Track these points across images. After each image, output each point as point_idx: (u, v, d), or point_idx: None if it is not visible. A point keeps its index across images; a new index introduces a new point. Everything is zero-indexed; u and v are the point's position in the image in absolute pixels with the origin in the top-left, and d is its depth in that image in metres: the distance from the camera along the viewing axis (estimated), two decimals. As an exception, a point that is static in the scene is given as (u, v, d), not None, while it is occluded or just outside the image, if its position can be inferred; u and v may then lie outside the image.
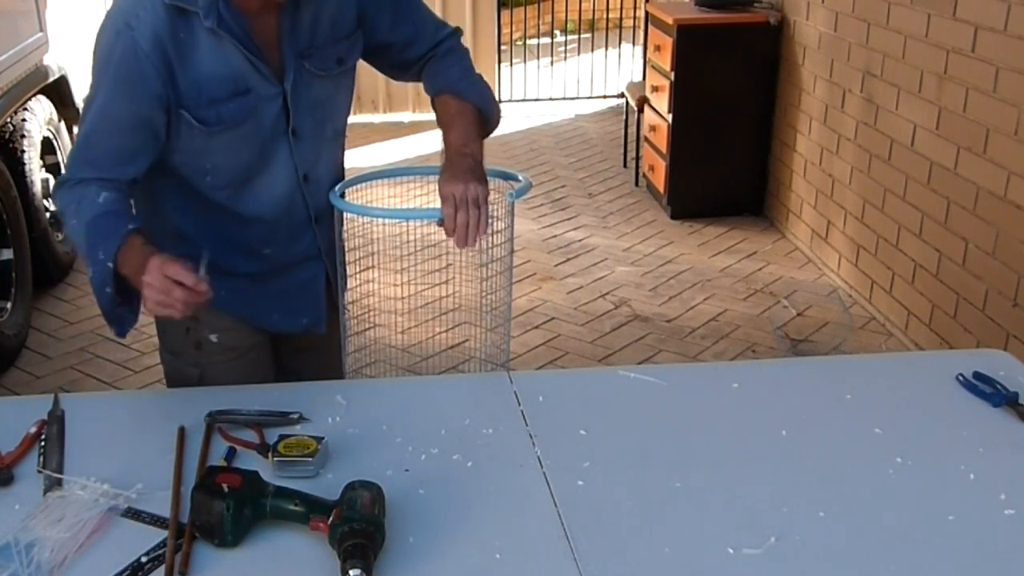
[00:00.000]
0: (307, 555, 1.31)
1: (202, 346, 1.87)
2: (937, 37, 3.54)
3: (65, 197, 1.67)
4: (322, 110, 1.78)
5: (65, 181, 1.68)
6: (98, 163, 1.66)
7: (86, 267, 1.65)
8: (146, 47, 1.58)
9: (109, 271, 1.57)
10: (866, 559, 1.33)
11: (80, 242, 1.64)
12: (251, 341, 1.92)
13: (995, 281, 3.28)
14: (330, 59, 1.76)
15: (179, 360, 1.90)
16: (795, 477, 1.51)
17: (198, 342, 1.86)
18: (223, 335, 1.86)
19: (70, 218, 1.66)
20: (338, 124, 1.87)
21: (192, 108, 1.64)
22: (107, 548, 1.33)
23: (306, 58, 1.72)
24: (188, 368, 1.88)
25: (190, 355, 1.88)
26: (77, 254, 1.73)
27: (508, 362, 1.95)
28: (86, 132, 1.67)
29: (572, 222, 5.28)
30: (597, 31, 8.69)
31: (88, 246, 1.61)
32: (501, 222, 1.80)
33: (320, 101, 1.77)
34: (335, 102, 1.83)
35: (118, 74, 1.62)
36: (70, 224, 1.66)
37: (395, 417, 1.65)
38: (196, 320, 1.83)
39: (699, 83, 4.94)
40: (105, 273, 1.58)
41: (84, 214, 1.63)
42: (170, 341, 1.91)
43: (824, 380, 1.80)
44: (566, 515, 1.41)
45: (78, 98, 4.67)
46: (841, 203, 4.40)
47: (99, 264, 1.58)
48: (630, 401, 1.72)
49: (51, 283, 4.37)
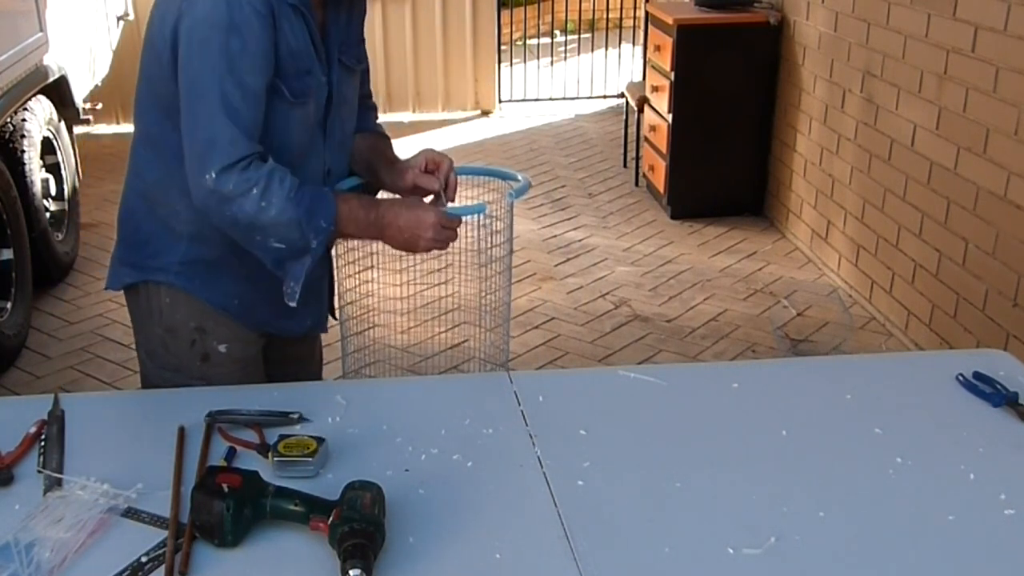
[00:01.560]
0: (307, 555, 1.31)
1: (210, 358, 1.83)
2: (937, 37, 3.54)
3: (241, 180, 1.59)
4: (346, 107, 1.86)
5: (234, 163, 1.59)
6: (251, 135, 1.62)
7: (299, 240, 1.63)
8: (264, 12, 1.60)
9: (330, 235, 1.67)
10: (866, 559, 1.33)
11: (287, 218, 1.61)
12: (253, 351, 1.90)
13: (995, 281, 3.28)
14: (354, 56, 1.86)
15: (180, 375, 1.83)
16: (795, 477, 1.51)
17: (206, 354, 1.83)
18: (232, 345, 1.84)
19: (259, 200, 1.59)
20: (352, 124, 1.92)
21: (284, 78, 1.67)
22: (107, 548, 1.33)
23: (343, 52, 1.81)
24: (192, 383, 1.82)
25: (195, 369, 1.83)
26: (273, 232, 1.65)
27: (508, 362, 1.95)
28: (220, 110, 1.58)
29: (572, 222, 5.28)
30: (597, 31, 8.69)
31: (306, 217, 1.63)
32: (500, 222, 1.80)
33: (346, 98, 1.85)
34: (352, 103, 1.89)
35: (247, 45, 1.59)
36: (258, 205, 1.60)
37: (395, 417, 1.65)
38: (203, 332, 1.82)
39: (699, 83, 4.94)
40: (327, 239, 1.67)
41: (282, 188, 1.61)
42: (171, 358, 1.85)
43: (824, 380, 1.80)
44: (566, 515, 1.41)
45: (78, 98, 4.67)
46: (841, 203, 4.40)
47: (322, 232, 1.65)
48: (630, 401, 1.72)
49: (51, 283, 4.37)
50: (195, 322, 1.81)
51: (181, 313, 1.81)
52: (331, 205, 1.66)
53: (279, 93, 1.66)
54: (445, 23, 7.13)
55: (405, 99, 7.19)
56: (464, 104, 7.33)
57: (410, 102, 7.20)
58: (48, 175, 4.39)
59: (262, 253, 1.67)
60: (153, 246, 1.80)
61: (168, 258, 1.78)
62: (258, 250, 1.67)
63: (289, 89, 1.67)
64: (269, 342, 1.94)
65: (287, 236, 1.64)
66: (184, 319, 1.81)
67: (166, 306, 1.82)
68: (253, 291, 1.80)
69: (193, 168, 1.62)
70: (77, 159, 4.75)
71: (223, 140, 1.59)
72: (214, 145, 1.59)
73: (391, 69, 7.08)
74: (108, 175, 5.96)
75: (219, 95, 1.58)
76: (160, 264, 1.79)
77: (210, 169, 1.59)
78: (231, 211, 1.61)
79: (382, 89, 7.04)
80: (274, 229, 1.63)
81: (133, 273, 1.83)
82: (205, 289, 1.79)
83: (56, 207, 4.51)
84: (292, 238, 1.64)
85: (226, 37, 1.58)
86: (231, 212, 1.61)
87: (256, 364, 1.92)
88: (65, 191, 4.57)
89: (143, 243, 1.81)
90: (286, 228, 1.63)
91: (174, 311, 1.81)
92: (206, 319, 1.81)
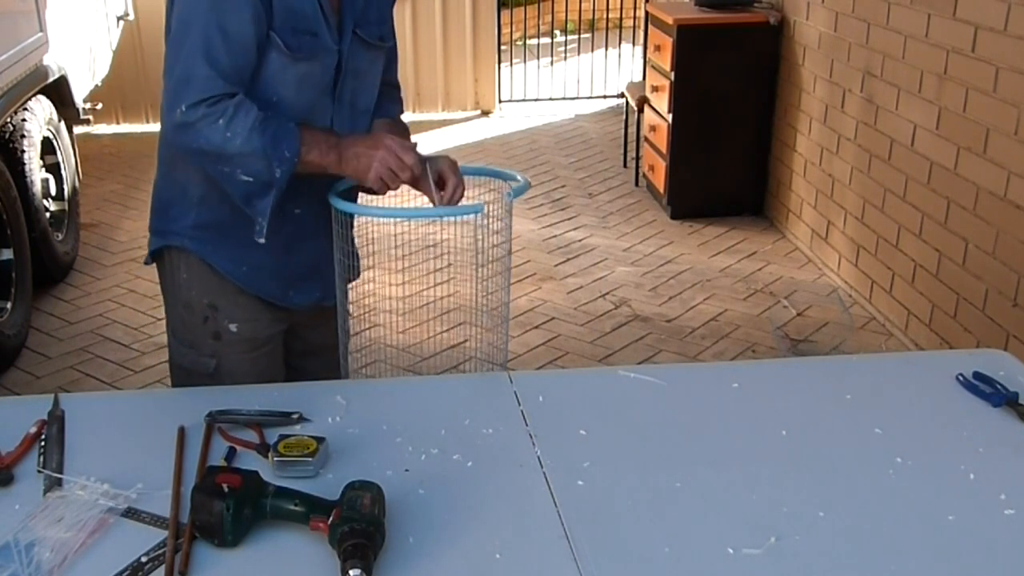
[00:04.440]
0: (307, 555, 1.31)
1: (221, 336, 1.90)
2: (937, 37, 3.54)
3: (208, 113, 1.65)
4: (361, 80, 1.89)
5: (200, 100, 1.65)
6: (228, 78, 1.67)
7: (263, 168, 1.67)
8: None
9: (294, 166, 1.69)
10: (866, 559, 1.33)
11: (252, 147, 1.66)
12: (266, 334, 1.95)
13: (995, 281, 3.28)
14: (375, 33, 1.89)
15: (195, 352, 1.92)
16: (795, 477, 1.51)
17: (217, 332, 1.90)
18: (242, 325, 1.90)
19: (224, 131, 1.65)
20: (369, 100, 1.95)
21: (279, 32, 1.71)
22: (107, 548, 1.33)
23: (359, 26, 1.83)
24: (204, 359, 1.91)
25: (207, 346, 1.91)
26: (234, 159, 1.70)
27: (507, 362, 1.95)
28: (200, 52, 1.65)
29: (572, 222, 5.28)
30: (597, 31, 8.69)
31: (271, 145, 1.67)
32: (500, 222, 1.80)
33: (361, 71, 1.88)
34: (371, 76, 1.93)
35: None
36: (224, 135, 1.65)
37: (395, 417, 1.65)
38: (216, 310, 1.89)
39: (699, 83, 4.94)
40: (291, 169, 1.69)
41: (248, 118, 1.66)
42: (187, 333, 1.93)
43: (824, 380, 1.81)
44: (566, 515, 1.41)
45: (78, 98, 4.67)
46: (841, 203, 4.40)
47: (285, 162, 1.68)
48: (630, 401, 1.72)
49: (51, 283, 4.37)
50: (208, 299, 1.89)
51: (196, 289, 1.89)
52: (295, 135, 1.70)
53: (275, 45, 1.72)
54: (445, 23, 7.14)
55: (405, 99, 7.14)
56: (464, 104, 7.33)
57: (410, 102, 7.20)
58: (48, 175, 4.39)
59: (231, 187, 1.73)
60: (170, 211, 1.88)
61: (183, 222, 1.87)
62: (227, 183, 1.73)
63: (285, 43, 1.72)
64: (290, 331, 1.99)
65: (253, 167, 1.69)
66: (199, 296, 1.89)
67: (183, 281, 1.90)
68: (259, 257, 1.85)
69: (166, 104, 1.69)
70: (77, 159, 4.75)
71: (198, 77, 1.65)
72: (188, 82, 1.66)
73: (391, 69, 7.08)
74: (108, 175, 5.97)
75: (201, 38, 1.66)
76: (176, 228, 1.88)
77: (181, 103, 1.65)
78: (197, 142, 1.67)
79: (382, 89, 7.04)
80: (240, 160, 1.68)
81: (155, 240, 1.92)
82: (215, 254, 1.87)
83: (56, 207, 4.51)
84: (258, 169, 1.69)
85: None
86: (197, 143, 1.67)
87: (270, 351, 1.96)
88: (65, 191, 4.57)
89: (163, 209, 1.90)
90: (251, 159, 1.68)
91: (190, 286, 1.89)
92: (218, 296, 1.89)
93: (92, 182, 5.70)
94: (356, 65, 1.86)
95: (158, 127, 1.83)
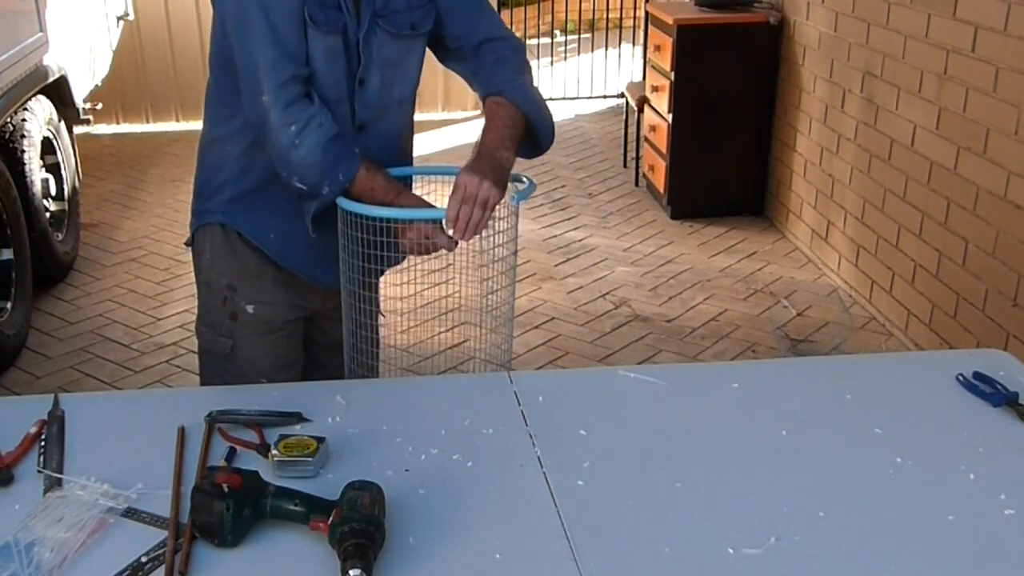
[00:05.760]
0: (307, 555, 1.31)
1: (238, 317, 1.94)
2: (937, 37, 3.54)
3: (284, 114, 1.70)
4: (392, 70, 1.86)
5: (282, 84, 1.70)
6: (298, 59, 1.71)
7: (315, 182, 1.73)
8: None
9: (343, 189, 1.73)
10: (866, 559, 1.33)
11: (312, 161, 1.71)
12: (284, 319, 1.98)
13: (995, 281, 3.28)
14: (404, 23, 1.83)
15: (214, 331, 1.97)
16: (795, 477, 1.51)
17: (234, 313, 1.94)
18: (259, 307, 1.94)
19: (294, 137, 1.70)
20: (406, 90, 1.92)
21: (308, 4, 1.72)
22: (107, 548, 1.33)
23: (381, 17, 1.80)
24: (222, 339, 1.95)
25: (225, 326, 1.95)
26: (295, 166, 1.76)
27: (510, 362, 1.95)
28: (269, 32, 1.69)
29: (572, 222, 5.28)
30: (597, 31, 8.69)
31: (329, 165, 1.72)
32: (504, 222, 1.80)
33: (391, 61, 1.84)
34: (406, 65, 1.88)
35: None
36: (292, 141, 1.70)
37: (395, 417, 1.65)
38: (234, 290, 1.93)
39: (699, 83, 4.94)
40: (339, 191, 1.73)
41: (318, 133, 1.70)
42: (208, 313, 1.98)
43: (824, 380, 1.80)
44: (566, 515, 1.41)
45: (78, 98, 4.67)
46: (841, 203, 4.40)
47: (336, 183, 1.73)
48: (630, 401, 1.72)
49: (51, 283, 4.37)
50: (227, 279, 1.93)
51: (217, 268, 1.95)
52: (354, 164, 1.74)
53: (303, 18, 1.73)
54: (445, 23, 7.12)
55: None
56: (464, 104, 7.32)
57: (411, 102, 7.19)
58: (48, 175, 4.39)
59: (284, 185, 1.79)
60: (207, 190, 1.94)
61: (219, 197, 1.92)
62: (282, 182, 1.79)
63: (312, 17, 1.73)
64: (313, 323, 2.03)
65: (307, 178, 1.73)
66: (219, 276, 1.95)
67: (206, 261, 1.96)
68: (289, 225, 1.86)
69: (247, 98, 1.74)
70: (77, 159, 4.75)
71: (266, 64, 1.70)
72: (259, 70, 1.70)
73: (391, 69, 7.07)
74: (108, 175, 5.97)
75: (259, 22, 1.69)
76: (211, 206, 1.93)
77: (263, 92, 1.70)
78: (268, 140, 1.73)
79: (382, 89, 7.03)
80: (298, 168, 1.73)
81: (193, 221, 1.99)
82: (246, 222, 1.90)
83: (56, 207, 4.51)
84: (311, 181, 1.73)
85: None
86: (268, 141, 1.73)
87: (286, 336, 1.99)
88: (65, 191, 4.57)
89: (201, 191, 1.96)
90: (308, 170, 1.72)
91: (212, 265, 1.95)
92: (238, 277, 1.93)
93: (92, 182, 5.70)
94: (384, 54, 1.82)
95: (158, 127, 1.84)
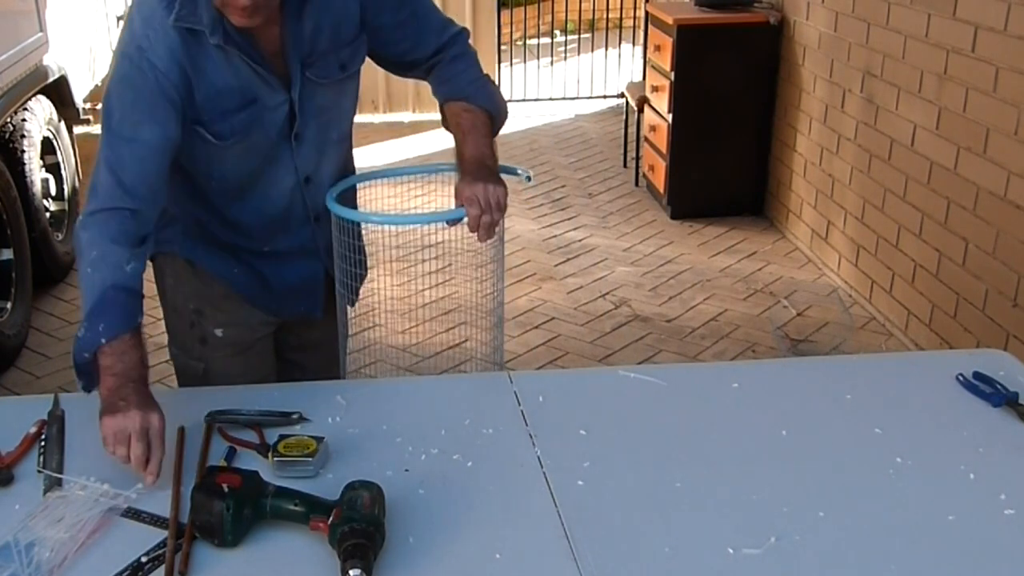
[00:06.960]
0: (307, 555, 1.31)
1: (207, 341, 1.91)
2: (937, 37, 3.54)
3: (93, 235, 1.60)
4: (326, 115, 1.80)
5: (96, 211, 1.61)
6: (134, 192, 1.61)
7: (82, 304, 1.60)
8: (163, 67, 1.59)
9: (98, 345, 1.56)
10: (866, 559, 1.33)
11: (88, 296, 1.59)
12: (254, 336, 1.95)
13: (995, 281, 3.28)
14: (333, 66, 1.76)
15: (185, 354, 1.95)
16: (795, 477, 1.51)
17: (203, 337, 1.91)
18: (227, 330, 1.91)
19: (87, 265, 1.59)
20: (343, 128, 1.88)
21: (207, 123, 1.67)
22: (107, 548, 1.33)
23: (308, 67, 1.72)
24: (193, 363, 1.93)
25: (196, 350, 1.92)
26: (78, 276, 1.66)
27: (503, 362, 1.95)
28: (112, 160, 1.61)
29: (572, 222, 5.28)
30: (597, 31, 8.69)
31: (94, 310, 1.57)
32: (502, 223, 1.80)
33: (324, 107, 1.78)
34: (340, 106, 1.83)
35: (139, 98, 1.60)
36: (85, 270, 1.60)
37: (395, 417, 1.65)
38: (201, 315, 1.90)
39: (699, 83, 4.94)
40: (95, 343, 1.56)
41: (106, 273, 1.58)
42: (177, 336, 1.95)
43: (824, 380, 1.80)
44: (566, 515, 1.41)
45: (78, 98, 4.67)
46: (841, 203, 4.40)
47: (95, 333, 1.56)
48: (630, 401, 1.72)
49: (51, 283, 4.36)
50: (194, 304, 1.91)
51: (182, 294, 1.91)
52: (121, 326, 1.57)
53: (201, 137, 1.67)
54: (445, 23, 7.12)
55: (405, 99, 7.17)
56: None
57: (410, 102, 7.19)
58: (48, 175, 4.39)
59: None
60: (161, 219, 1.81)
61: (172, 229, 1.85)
62: None
63: (212, 133, 1.67)
64: (282, 327, 2.00)
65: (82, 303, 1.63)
66: (184, 301, 1.91)
67: (169, 286, 1.92)
68: (240, 270, 1.88)
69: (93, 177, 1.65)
70: (77, 159, 4.75)
71: (101, 186, 1.62)
72: (94, 190, 1.63)
73: (391, 69, 7.07)
74: (108, 175, 5.96)
75: (111, 144, 1.62)
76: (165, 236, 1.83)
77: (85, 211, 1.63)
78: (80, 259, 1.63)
79: (382, 89, 7.04)
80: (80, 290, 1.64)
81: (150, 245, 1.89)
82: (206, 259, 1.87)
83: (56, 207, 4.51)
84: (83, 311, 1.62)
85: (122, 92, 1.62)
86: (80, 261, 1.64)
87: (258, 352, 1.97)
88: (65, 191, 4.57)
89: None
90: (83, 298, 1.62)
91: (176, 291, 1.92)
92: (203, 302, 1.91)
93: (92, 182, 5.70)
94: (317, 103, 1.76)
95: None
